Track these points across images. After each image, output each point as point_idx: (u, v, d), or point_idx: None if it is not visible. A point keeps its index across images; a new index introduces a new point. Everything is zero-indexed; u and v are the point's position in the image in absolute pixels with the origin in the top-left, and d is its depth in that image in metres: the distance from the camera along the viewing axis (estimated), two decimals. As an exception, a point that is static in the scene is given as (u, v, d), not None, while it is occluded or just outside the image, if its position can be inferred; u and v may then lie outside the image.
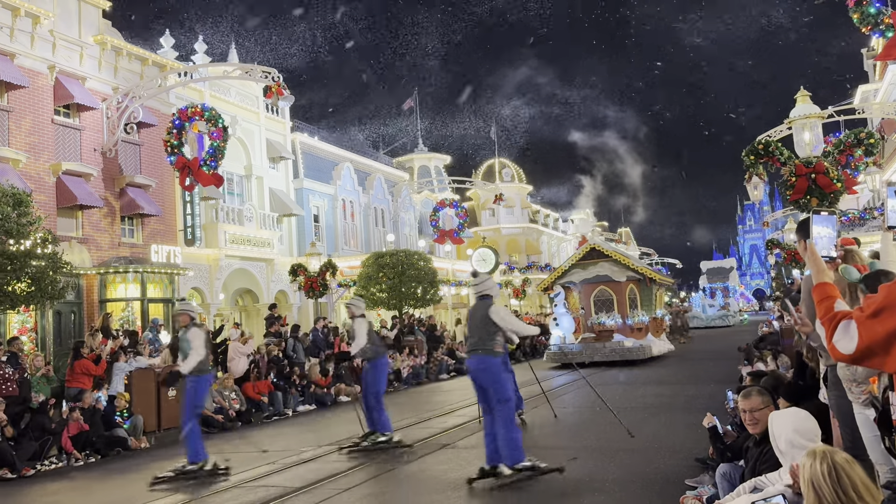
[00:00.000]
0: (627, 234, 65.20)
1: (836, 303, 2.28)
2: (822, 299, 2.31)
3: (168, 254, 19.57)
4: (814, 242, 2.60)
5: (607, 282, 21.77)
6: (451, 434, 10.28)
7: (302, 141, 28.66)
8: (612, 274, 21.65)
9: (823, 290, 2.35)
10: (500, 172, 45.04)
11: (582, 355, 19.80)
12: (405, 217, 35.72)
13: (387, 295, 23.61)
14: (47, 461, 9.95)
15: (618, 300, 21.83)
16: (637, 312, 21.74)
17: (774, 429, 3.65)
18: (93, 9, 18.90)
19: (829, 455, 2.51)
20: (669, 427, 9.68)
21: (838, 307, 2.25)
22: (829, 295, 2.31)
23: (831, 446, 2.95)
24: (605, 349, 20.28)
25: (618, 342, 20.53)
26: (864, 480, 2.48)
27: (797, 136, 13.40)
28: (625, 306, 21.74)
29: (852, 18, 11.57)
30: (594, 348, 20.46)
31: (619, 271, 21.78)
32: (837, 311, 2.22)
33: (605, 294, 22.03)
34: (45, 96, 17.29)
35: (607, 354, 20.10)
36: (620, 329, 21.29)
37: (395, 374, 18.35)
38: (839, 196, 12.81)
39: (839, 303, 2.28)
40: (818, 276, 2.46)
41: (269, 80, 17.09)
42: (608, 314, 21.59)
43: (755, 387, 5.10)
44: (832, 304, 2.27)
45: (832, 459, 2.49)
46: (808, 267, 2.60)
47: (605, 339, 20.96)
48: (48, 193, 16.88)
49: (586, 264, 22.20)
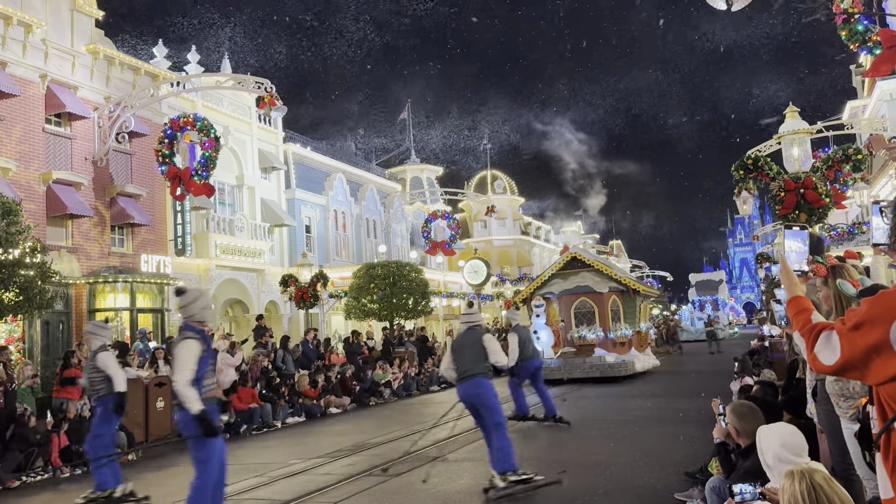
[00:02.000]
0: (619, 247, 65.35)
1: (812, 314, 2.31)
2: (798, 312, 2.35)
3: (158, 264, 19.50)
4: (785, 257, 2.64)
5: (588, 293, 20.54)
6: (440, 446, 10.25)
7: (294, 151, 28.68)
8: (594, 285, 20.47)
9: (798, 303, 2.40)
10: (493, 184, 45.16)
11: (560, 371, 19.00)
12: (397, 228, 35.74)
13: (378, 306, 23.61)
14: (33, 472, 9.86)
15: (599, 312, 20.52)
16: (620, 326, 20.57)
17: (762, 443, 3.66)
18: (85, 18, 18.91)
19: (808, 475, 2.53)
20: (659, 440, 9.68)
21: (815, 319, 2.28)
22: (805, 307, 2.35)
23: (815, 463, 2.97)
24: (585, 365, 19.08)
25: (598, 357, 19.33)
26: (843, 499, 2.50)
27: (786, 151, 13.50)
28: (607, 319, 20.46)
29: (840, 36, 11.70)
30: (573, 364, 19.27)
31: (601, 282, 20.61)
32: (816, 322, 2.25)
33: (586, 306, 20.76)
34: (37, 105, 17.25)
35: (587, 371, 18.94)
36: (602, 343, 20.06)
37: (385, 386, 18.32)
38: (827, 211, 12.91)
39: (815, 315, 2.32)
40: (791, 290, 2.51)
41: (261, 90, 17.12)
42: (589, 327, 20.37)
43: (744, 402, 5.12)
44: (809, 317, 2.30)
45: (811, 479, 2.51)
46: (782, 281, 2.64)
47: (585, 353, 19.72)
48: (38, 202, 16.81)
49: (567, 274, 21.07)
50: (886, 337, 1.97)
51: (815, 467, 2.66)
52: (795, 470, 2.58)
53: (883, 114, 23.24)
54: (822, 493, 2.45)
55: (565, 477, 7.58)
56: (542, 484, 7.26)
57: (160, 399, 12.62)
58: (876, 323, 2.00)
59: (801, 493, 2.47)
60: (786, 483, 2.57)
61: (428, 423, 12.83)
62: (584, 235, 54.52)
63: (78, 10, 18.68)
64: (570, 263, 21.21)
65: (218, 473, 5.74)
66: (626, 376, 18.91)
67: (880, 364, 2.00)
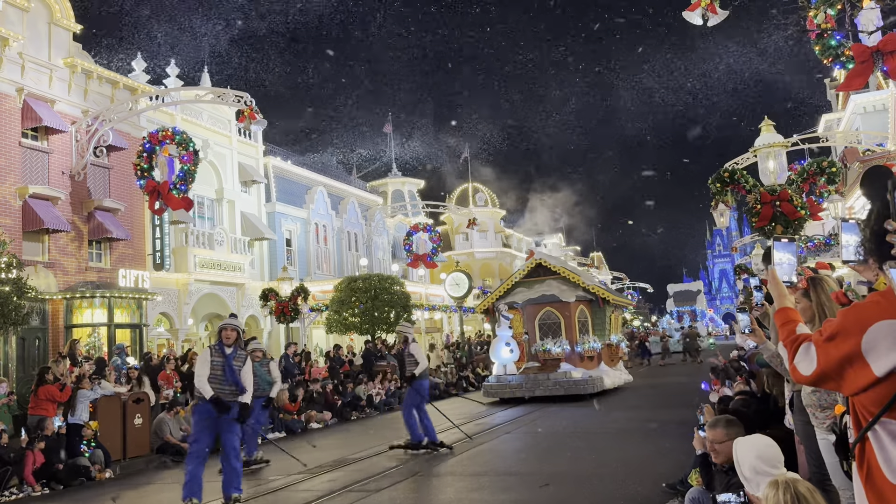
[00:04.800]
0: (599, 259, 65.67)
1: (797, 326, 2.34)
2: (785, 323, 2.38)
3: (136, 278, 19.31)
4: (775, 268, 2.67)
5: (554, 302, 18.62)
6: (422, 461, 10.20)
7: (275, 165, 28.59)
8: (560, 293, 18.62)
9: (785, 314, 2.42)
10: (474, 197, 45.26)
11: (521, 389, 17.59)
12: (378, 241, 35.69)
13: (359, 319, 23.51)
14: (7, 492, 9.67)
15: (566, 324, 18.56)
16: (588, 338, 18.69)
17: (738, 455, 3.68)
18: (63, 32, 18.77)
19: (792, 485, 2.54)
20: (640, 452, 9.70)
21: (800, 330, 2.31)
22: (791, 319, 2.38)
23: (795, 474, 2.99)
24: (549, 382, 17.43)
25: (563, 373, 17.58)
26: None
27: (762, 164, 13.69)
28: (573, 331, 18.53)
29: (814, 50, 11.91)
30: (536, 381, 17.62)
31: (567, 290, 18.79)
32: (799, 333, 2.28)
33: (551, 317, 18.75)
34: (13, 119, 17.07)
35: (550, 388, 17.32)
36: (569, 357, 18.19)
37: (367, 400, 18.21)
38: (803, 223, 13.09)
39: (801, 326, 2.34)
40: (780, 301, 2.53)
41: (241, 104, 17.06)
42: (555, 340, 18.36)
43: (722, 417, 5.13)
44: (794, 328, 2.33)
45: (795, 489, 2.52)
46: (771, 292, 2.67)
47: (550, 369, 17.93)
48: (14, 217, 16.60)
49: (531, 282, 19.32)
50: (858, 348, 2.00)
51: (796, 477, 2.68)
52: (780, 479, 2.59)
53: (857, 126, 23.64)
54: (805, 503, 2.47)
55: (547, 490, 7.57)
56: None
57: (138, 416, 12.46)
58: (849, 334, 2.03)
59: (785, 503, 2.48)
60: (770, 492, 2.57)
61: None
62: (564, 248, 54.75)
63: (56, 23, 18.55)
64: (535, 271, 19.57)
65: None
66: (594, 394, 17.32)
67: (853, 374, 2.03)
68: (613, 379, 19.00)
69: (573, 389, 17.13)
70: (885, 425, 2.00)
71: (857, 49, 11.33)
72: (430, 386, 11.38)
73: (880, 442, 2.01)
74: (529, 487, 7.45)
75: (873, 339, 1.97)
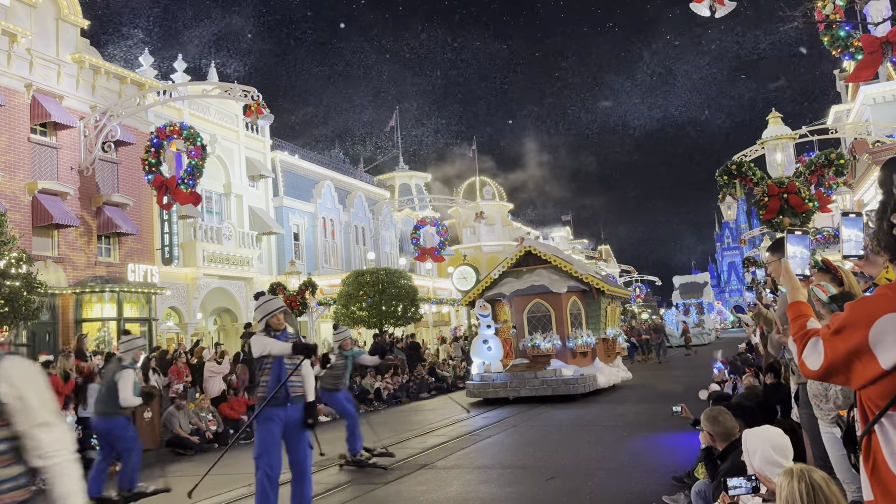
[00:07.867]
0: (607, 252, 65.54)
1: (808, 321, 2.32)
2: (796, 317, 2.36)
3: (145, 273, 19.39)
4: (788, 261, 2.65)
5: (544, 293, 17.07)
6: (429, 454, 10.24)
7: (282, 159, 28.65)
8: (551, 284, 17.02)
9: (797, 308, 2.40)
10: (481, 190, 45.19)
11: (506, 389, 16.19)
12: (386, 235, 35.72)
13: (367, 313, 23.57)
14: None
15: (556, 317, 17.04)
16: (581, 332, 17.25)
17: (749, 446, 3.68)
18: (71, 27, 18.83)
19: (807, 474, 2.54)
20: (648, 445, 9.71)
21: (811, 325, 2.30)
22: (803, 313, 2.36)
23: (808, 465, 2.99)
24: (536, 380, 15.95)
25: (553, 371, 16.05)
26: (840, 500, 2.51)
27: (769, 156, 13.61)
28: (565, 324, 17.06)
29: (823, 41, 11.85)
30: (522, 379, 16.12)
31: (559, 280, 17.22)
32: (809, 328, 2.27)
33: (541, 309, 17.23)
34: (22, 115, 17.15)
35: (537, 388, 15.87)
36: (560, 353, 16.73)
37: (374, 394, 18.26)
38: (811, 215, 13.02)
39: (812, 321, 2.33)
40: (792, 295, 2.51)
41: (248, 98, 17.09)
42: (544, 334, 16.90)
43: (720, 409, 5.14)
44: (805, 322, 2.31)
45: (810, 478, 2.51)
46: (784, 285, 2.65)
47: (539, 366, 16.46)
48: (23, 212, 16.69)
49: (521, 272, 17.89)
50: (865, 341, 1.99)
51: (811, 467, 2.68)
52: (795, 468, 2.58)
53: (867, 118, 23.48)
54: (820, 493, 2.46)
55: (553, 483, 7.59)
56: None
57: (148, 410, 12.53)
58: (856, 327, 2.02)
59: (800, 492, 2.48)
60: (784, 481, 2.56)
61: (417, 431, 12.82)
62: (572, 241, 54.65)
63: (63, 19, 18.60)
64: (524, 259, 18.18)
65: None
66: (586, 393, 16.02)
67: (861, 368, 2.02)
68: (609, 377, 17.61)
69: (562, 389, 15.71)
70: (891, 418, 2.00)
71: (867, 40, 11.27)
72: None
73: (886, 435, 2.01)
74: (537, 480, 7.47)
75: (880, 332, 1.97)
